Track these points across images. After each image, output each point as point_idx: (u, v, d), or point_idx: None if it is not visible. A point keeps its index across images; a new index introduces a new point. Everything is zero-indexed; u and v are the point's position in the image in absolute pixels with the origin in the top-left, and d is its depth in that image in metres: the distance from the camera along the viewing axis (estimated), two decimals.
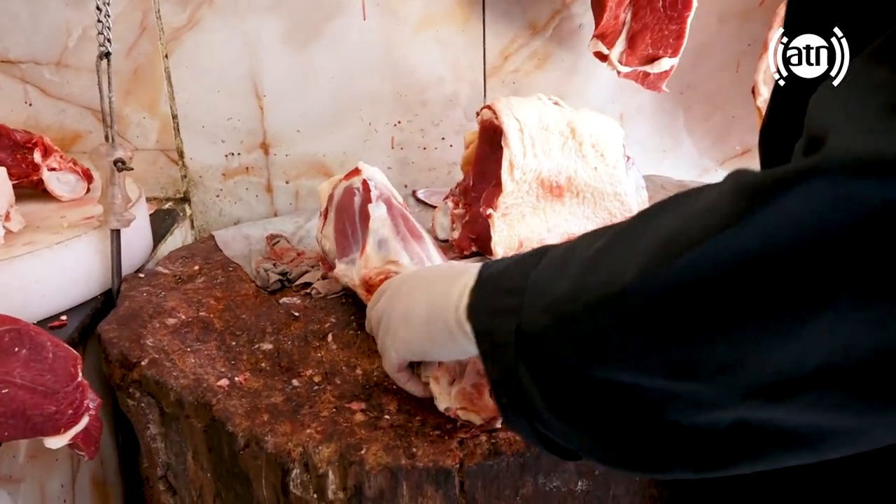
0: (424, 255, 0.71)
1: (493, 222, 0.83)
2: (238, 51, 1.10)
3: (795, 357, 0.30)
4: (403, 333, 0.56)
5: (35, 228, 0.84)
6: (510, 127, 0.82)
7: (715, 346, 0.31)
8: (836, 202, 0.27)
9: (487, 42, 1.14)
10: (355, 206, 0.76)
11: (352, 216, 0.76)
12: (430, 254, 0.72)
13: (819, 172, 0.27)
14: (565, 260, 0.40)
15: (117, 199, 0.81)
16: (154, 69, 1.10)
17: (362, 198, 0.76)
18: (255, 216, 1.19)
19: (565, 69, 1.16)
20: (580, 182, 0.88)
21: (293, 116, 1.15)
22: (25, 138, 0.92)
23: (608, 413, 0.37)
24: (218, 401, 0.64)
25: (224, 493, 0.67)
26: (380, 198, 0.75)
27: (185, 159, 1.16)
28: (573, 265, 0.39)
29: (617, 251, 0.36)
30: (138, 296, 0.81)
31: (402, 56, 1.13)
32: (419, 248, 0.72)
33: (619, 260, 0.35)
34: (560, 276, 0.39)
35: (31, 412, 0.60)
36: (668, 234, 0.32)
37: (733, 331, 0.30)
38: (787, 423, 0.32)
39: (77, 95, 1.11)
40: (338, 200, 0.79)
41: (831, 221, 0.27)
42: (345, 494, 0.59)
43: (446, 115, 1.17)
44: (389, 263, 0.71)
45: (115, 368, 0.70)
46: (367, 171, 0.79)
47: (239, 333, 0.75)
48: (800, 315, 0.28)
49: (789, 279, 0.28)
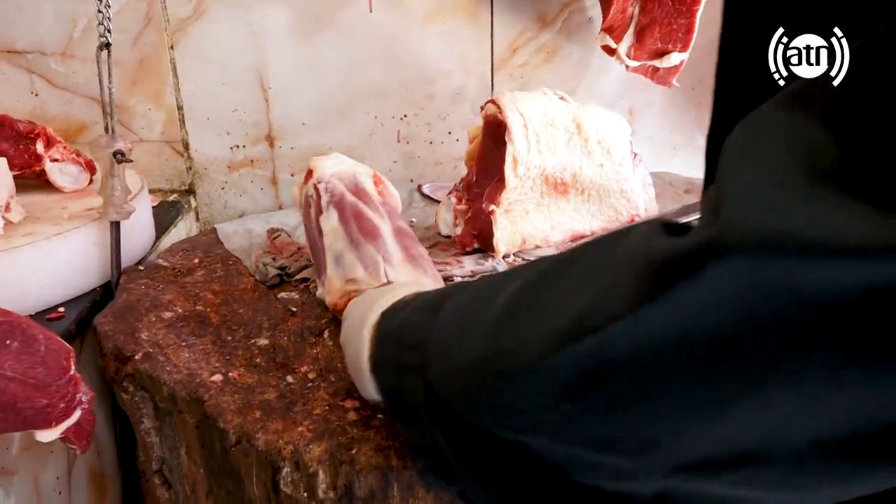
0: (381, 257, 0.69)
1: (495, 219, 0.82)
2: (243, 42, 1.09)
3: (725, 437, 0.27)
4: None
5: (36, 219, 0.84)
6: (514, 122, 0.80)
7: (635, 426, 0.29)
8: (748, 290, 0.24)
9: (495, 35, 1.12)
10: (312, 218, 0.75)
11: (312, 232, 0.75)
12: (387, 250, 0.70)
13: (727, 252, 0.24)
14: (469, 316, 0.39)
15: (116, 191, 0.81)
16: (159, 60, 1.10)
17: (316, 208, 0.74)
18: (259, 209, 1.18)
19: (574, 63, 1.14)
20: (585, 179, 0.87)
21: (299, 109, 1.14)
22: (28, 129, 0.92)
23: (525, 475, 0.36)
24: (210, 396, 0.63)
25: (216, 490, 0.67)
26: (330, 202, 0.73)
27: (191, 151, 1.15)
28: (478, 325, 0.37)
29: (524, 319, 0.34)
30: (136, 289, 0.80)
31: (409, 49, 1.12)
32: (374, 250, 0.69)
33: (528, 329, 0.33)
34: (464, 335, 0.38)
35: (21, 405, 0.59)
36: (575, 310, 0.30)
37: (651, 413, 0.28)
38: (718, 494, 0.30)
39: (83, 86, 1.11)
40: (303, 212, 0.77)
41: (742, 311, 0.24)
42: (335, 494, 0.58)
43: (453, 108, 1.16)
44: (348, 283, 0.69)
45: (110, 362, 0.70)
46: (319, 170, 0.76)
47: (235, 328, 0.74)
48: (720, 400, 0.26)
49: (699, 367, 0.26)
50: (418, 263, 0.71)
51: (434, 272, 0.72)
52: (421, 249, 0.73)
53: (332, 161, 0.79)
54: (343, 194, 0.74)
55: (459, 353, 0.38)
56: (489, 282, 0.42)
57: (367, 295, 0.59)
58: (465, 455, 0.39)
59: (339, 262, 0.70)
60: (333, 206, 0.73)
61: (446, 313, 0.42)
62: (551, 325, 0.31)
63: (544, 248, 0.88)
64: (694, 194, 1.04)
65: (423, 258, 0.72)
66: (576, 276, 0.33)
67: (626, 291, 0.28)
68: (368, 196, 0.76)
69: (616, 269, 0.29)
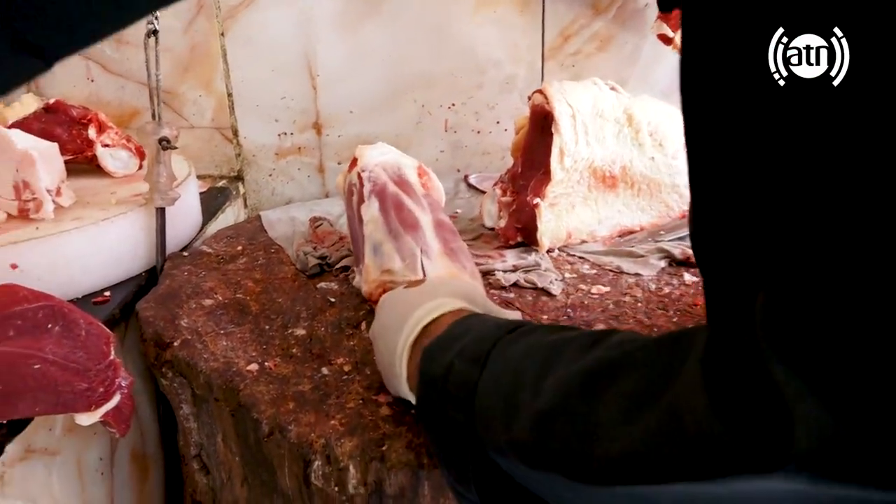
0: (419, 249, 0.68)
1: (539, 212, 0.79)
2: (293, 30, 1.09)
3: None
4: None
5: (85, 204, 0.85)
6: (562, 112, 0.78)
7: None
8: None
9: (547, 22, 1.09)
10: (354, 206, 0.74)
11: (353, 220, 0.74)
12: (426, 242, 0.68)
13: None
14: (511, 394, 0.41)
15: (162, 178, 0.81)
16: (210, 47, 1.11)
17: (358, 197, 0.73)
18: (306, 196, 1.19)
19: (628, 52, 1.11)
20: (636, 172, 0.84)
21: (346, 97, 1.13)
22: (81, 114, 0.94)
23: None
24: (245, 386, 0.63)
25: (251, 479, 0.67)
26: (372, 191, 0.72)
27: (240, 138, 1.16)
28: (518, 409, 0.39)
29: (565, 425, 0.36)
30: (179, 275, 0.81)
31: (459, 36, 1.10)
32: (412, 242, 0.68)
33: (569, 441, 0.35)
34: (507, 413, 0.40)
35: (62, 388, 0.60)
36: (623, 446, 0.32)
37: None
38: None
39: (136, 72, 1.13)
40: (345, 200, 0.77)
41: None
42: (365, 490, 0.57)
43: (502, 98, 1.13)
44: (384, 273, 0.68)
45: (150, 347, 0.70)
46: (363, 159, 0.76)
47: (273, 317, 0.74)
48: None
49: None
50: (457, 258, 0.69)
51: (472, 267, 0.70)
52: (461, 244, 0.72)
53: (377, 151, 0.78)
54: (385, 184, 0.73)
55: (504, 432, 0.40)
56: (532, 345, 0.43)
57: (401, 296, 0.58)
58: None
59: (377, 252, 0.70)
60: (375, 196, 0.72)
61: (490, 377, 0.43)
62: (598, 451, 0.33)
63: (590, 244, 0.85)
64: None
65: (462, 252, 0.71)
66: (621, 394, 0.34)
67: (674, 459, 0.29)
68: (411, 187, 0.74)
69: (667, 416, 0.31)
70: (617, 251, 0.82)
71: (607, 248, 0.84)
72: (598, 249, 0.84)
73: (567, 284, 0.77)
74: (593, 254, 0.83)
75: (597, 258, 0.82)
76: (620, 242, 0.85)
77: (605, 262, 0.81)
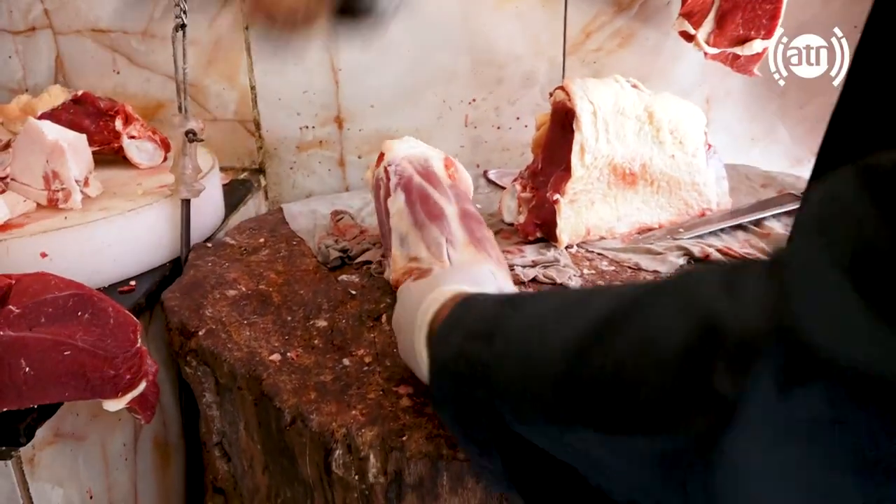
0: (444, 238, 0.69)
1: (559, 208, 0.80)
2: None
3: None
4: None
5: (112, 195, 0.87)
6: (583, 109, 0.78)
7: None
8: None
9: (569, 18, 1.09)
10: (381, 200, 0.75)
11: (381, 213, 0.76)
12: (450, 232, 0.70)
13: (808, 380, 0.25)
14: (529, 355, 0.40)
15: (188, 170, 0.83)
16: (234, 41, 1.12)
17: (385, 190, 0.74)
18: (326, 190, 1.20)
19: (650, 49, 1.11)
20: (655, 170, 0.84)
21: (367, 91, 1.14)
22: (108, 106, 0.95)
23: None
24: (268, 375, 0.65)
25: (272, 466, 0.68)
26: (398, 184, 0.73)
27: (262, 131, 1.18)
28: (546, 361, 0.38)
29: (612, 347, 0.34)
30: (203, 265, 0.82)
31: (481, 31, 1.10)
32: (437, 231, 0.70)
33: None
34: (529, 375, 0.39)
35: (91, 374, 0.62)
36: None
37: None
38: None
39: (161, 65, 1.14)
40: (374, 195, 0.78)
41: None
42: (385, 479, 0.58)
43: (523, 93, 1.14)
44: (412, 261, 0.70)
45: (175, 336, 0.72)
46: (390, 153, 0.77)
47: (296, 309, 0.75)
48: None
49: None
50: (482, 246, 0.70)
51: (498, 254, 0.71)
52: (487, 232, 0.73)
53: (404, 144, 0.79)
54: (411, 177, 0.74)
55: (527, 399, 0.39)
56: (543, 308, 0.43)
57: (406, 293, 0.60)
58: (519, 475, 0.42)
59: (404, 242, 0.71)
60: (401, 189, 0.73)
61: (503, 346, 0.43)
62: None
63: (609, 240, 0.86)
64: (772, 188, 1.00)
65: (488, 240, 0.72)
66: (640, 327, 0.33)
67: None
68: (437, 179, 0.75)
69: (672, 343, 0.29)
70: (635, 248, 0.83)
71: (626, 245, 0.84)
72: (616, 246, 0.84)
73: (585, 280, 0.77)
74: (612, 250, 0.83)
75: (615, 255, 0.82)
76: (639, 239, 0.85)
77: (623, 259, 0.81)
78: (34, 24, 1.14)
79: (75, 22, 1.13)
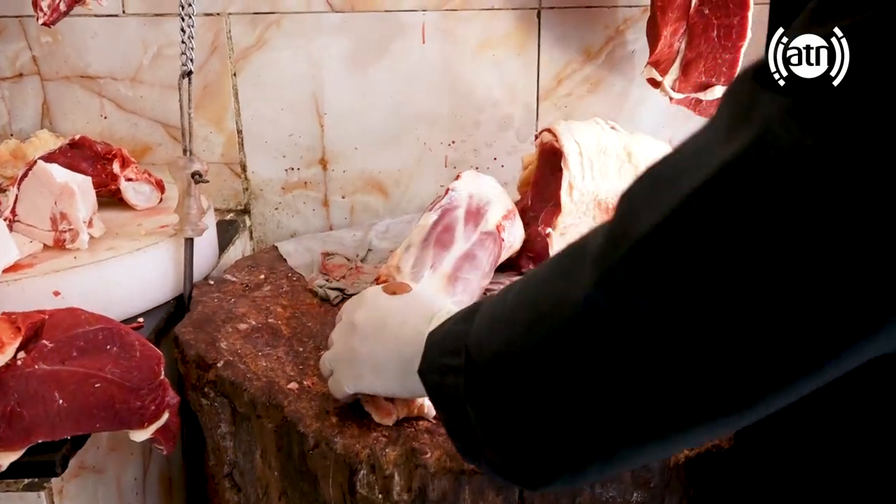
0: (429, 265, 0.77)
1: (551, 241, 0.86)
2: (303, 70, 1.15)
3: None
4: (372, 379, 0.61)
5: (115, 235, 0.89)
6: (570, 150, 0.85)
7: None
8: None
9: (542, 66, 1.17)
10: (433, 204, 0.85)
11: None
12: (441, 263, 0.77)
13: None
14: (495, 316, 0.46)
15: (193, 210, 0.86)
16: (222, 86, 1.16)
17: (431, 204, 0.85)
18: (311, 229, 1.23)
19: (616, 94, 1.19)
20: None
21: (352, 134, 1.19)
22: (105, 150, 0.98)
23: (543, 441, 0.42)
24: (289, 402, 0.68)
25: (290, 492, 0.71)
26: (440, 206, 0.82)
27: (248, 173, 1.21)
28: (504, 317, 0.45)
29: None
30: (210, 301, 0.85)
31: (460, 78, 1.17)
32: (430, 257, 0.78)
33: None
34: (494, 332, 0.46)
35: (119, 406, 0.64)
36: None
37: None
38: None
39: (149, 110, 1.17)
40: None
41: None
42: (409, 496, 0.62)
43: (500, 136, 1.20)
44: (394, 268, 0.77)
45: (192, 369, 0.74)
46: (460, 180, 0.86)
47: (306, 340, 0.78)
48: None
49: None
50: (454, 284, 0.77)
51: (462, 299, 0.77)
52: (473, 277, 0.79)
53: (476, 180, 0.87)
54: (456, 208, 0.82)
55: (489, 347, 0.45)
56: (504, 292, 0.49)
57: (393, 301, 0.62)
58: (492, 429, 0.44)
59: (407, 250, 0.79)
60: (440, 211, 0.81)
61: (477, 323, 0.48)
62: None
63: None
64: None
65: (467, 283, 0.78)
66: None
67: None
68: (481, 220, 0.81)
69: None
70: None
71: None
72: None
73: None
74: None
75: None
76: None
77: None
78: (21, 71, 1.16)
79: (63, 68, 1.15)
